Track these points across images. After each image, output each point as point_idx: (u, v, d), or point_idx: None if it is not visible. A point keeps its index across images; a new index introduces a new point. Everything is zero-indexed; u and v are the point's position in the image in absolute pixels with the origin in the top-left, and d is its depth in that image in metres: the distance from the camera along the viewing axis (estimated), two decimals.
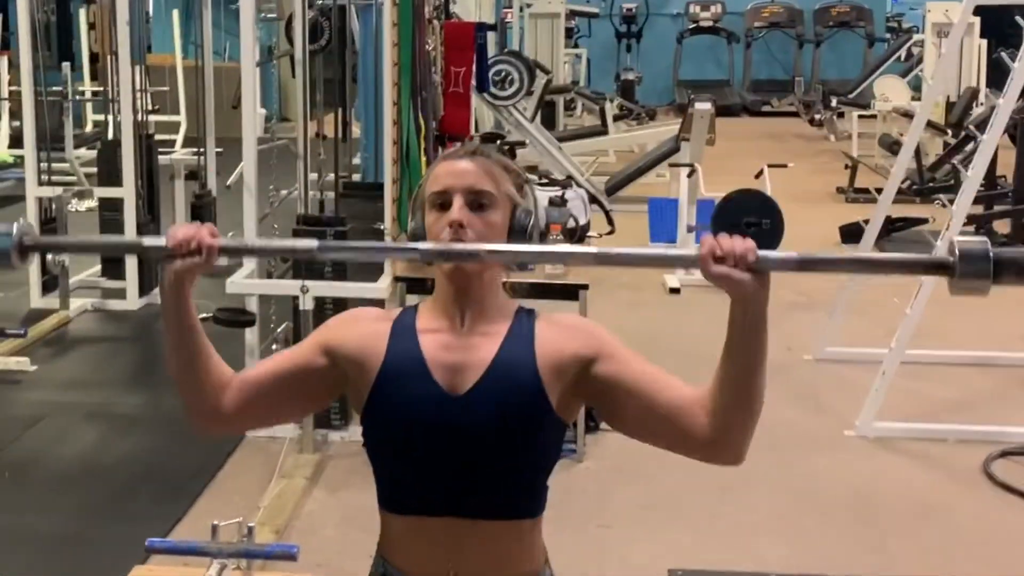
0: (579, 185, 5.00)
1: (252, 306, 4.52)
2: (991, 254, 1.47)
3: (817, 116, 14.17)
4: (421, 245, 1.59)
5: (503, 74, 8.63)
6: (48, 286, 6.24)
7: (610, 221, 5.19)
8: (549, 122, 12.77)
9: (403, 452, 1.64)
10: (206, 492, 4.11)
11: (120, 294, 6.45)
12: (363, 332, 1.67)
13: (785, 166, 7.75)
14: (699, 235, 7.34)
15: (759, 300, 1.49)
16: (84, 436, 4.76)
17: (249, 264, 4.43)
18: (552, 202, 4.54)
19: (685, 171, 7.44)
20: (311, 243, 1.62)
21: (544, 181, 4.78)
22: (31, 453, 4.54)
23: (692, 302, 6.87)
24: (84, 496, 4.14)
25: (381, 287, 4.23)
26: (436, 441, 1.61)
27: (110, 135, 7.11)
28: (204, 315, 5.33)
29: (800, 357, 5.73)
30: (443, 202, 1.62)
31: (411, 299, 4.48)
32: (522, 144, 9.00)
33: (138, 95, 6.06)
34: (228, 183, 5.77)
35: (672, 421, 1.59)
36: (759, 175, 7.37)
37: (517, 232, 1.66)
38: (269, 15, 6.28)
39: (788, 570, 3.61)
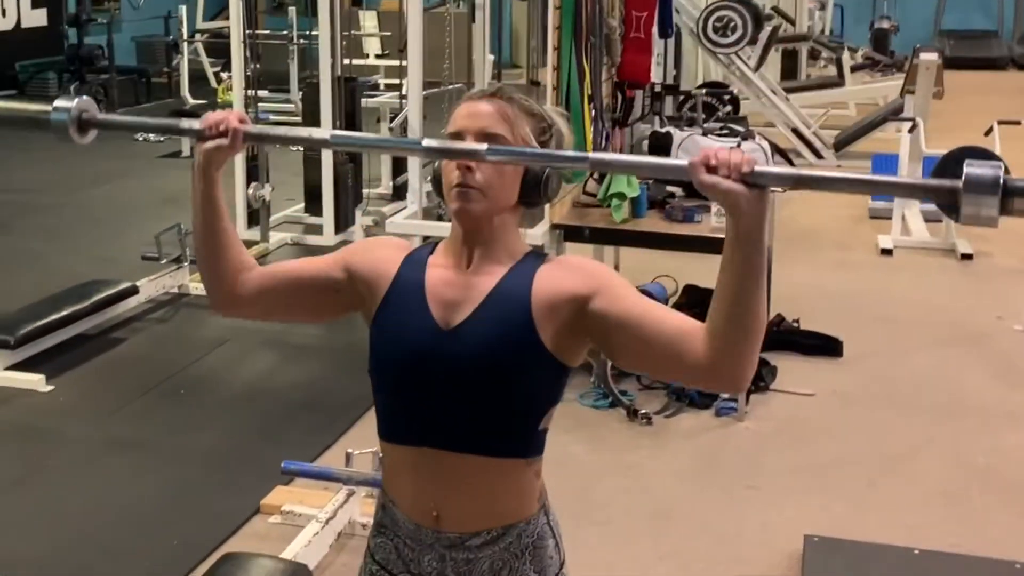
0: (764, 137, 4.75)
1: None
2: (1001, 181, 1.33)
3: None
4: (425, 141, 1.60)
5: (725, 20, 8.32)
6: (253, 219, 6.54)
7: None
8: (791, 73, 12.27)
9: (393, 379, 1.67)
10: (358, 423, 4.22)
11: (318, 230, 6.66)
12: (379, 256, 1.72)
13: (1018, 123, 7.16)
14: None
15: (753, 215, 1.43)
16: (258, 361, 5.00)
17: (412, 206, 4.48)
18: None
19: (907, 126, 7.06)
20: (324, 133, 1.81)
21: (724, 132, 4.57)
22: (209, 373, 4.82)
23: (904, 265, 6.51)
24: (247, 417, 4.35)
25: (538, 234, 4.19)
26: (423, 371, 1.63)
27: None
28: None
29: (1009, 327, 5.36)
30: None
31: (569, 247, 4.42)
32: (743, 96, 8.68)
33: (343, 39, 6.19)
34: (391, 126, 5.82)
35: (670, 349, 1.55)
36: (988, 132, 6.88)
37: (530, 180, 1.64)
38: None
39: (945, 550, 3.37)
